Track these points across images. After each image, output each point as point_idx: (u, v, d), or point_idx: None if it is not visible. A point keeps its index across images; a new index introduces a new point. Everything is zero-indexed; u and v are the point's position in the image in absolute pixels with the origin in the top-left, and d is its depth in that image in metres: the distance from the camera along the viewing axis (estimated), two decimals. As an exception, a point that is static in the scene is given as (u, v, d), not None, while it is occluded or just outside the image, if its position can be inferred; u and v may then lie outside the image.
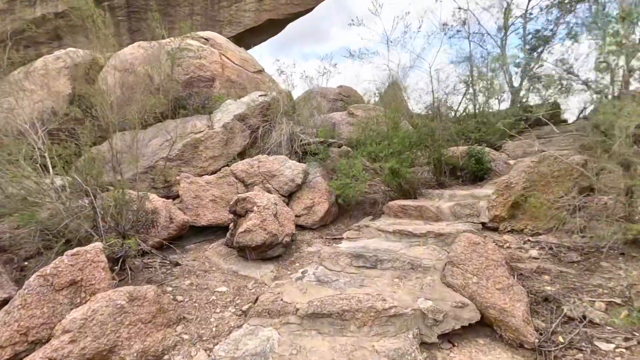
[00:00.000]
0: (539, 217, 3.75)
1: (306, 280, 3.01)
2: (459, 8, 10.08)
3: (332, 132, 6.56)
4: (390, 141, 5.05)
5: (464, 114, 9.15)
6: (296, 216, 4.77)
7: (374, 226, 4.06)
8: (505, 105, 9.70)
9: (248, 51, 10.40)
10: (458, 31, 10.08)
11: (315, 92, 9.41)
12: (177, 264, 3.85)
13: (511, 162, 6.01)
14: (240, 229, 3.80)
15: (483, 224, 3.95)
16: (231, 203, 4.09)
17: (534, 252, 3.24)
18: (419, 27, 7.69)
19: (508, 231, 3.90)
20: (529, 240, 3.63)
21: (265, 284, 3.38)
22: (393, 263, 3.09)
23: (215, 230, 4.80)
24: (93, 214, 3.13)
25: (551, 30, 10.26)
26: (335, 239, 4.49)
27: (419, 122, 5.80)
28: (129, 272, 3.42)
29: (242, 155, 5.99)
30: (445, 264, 2.87)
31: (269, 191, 4.90)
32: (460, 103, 9.28)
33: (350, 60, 9.77)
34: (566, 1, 9.29)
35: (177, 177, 5.07)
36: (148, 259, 3.89)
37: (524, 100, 10.18)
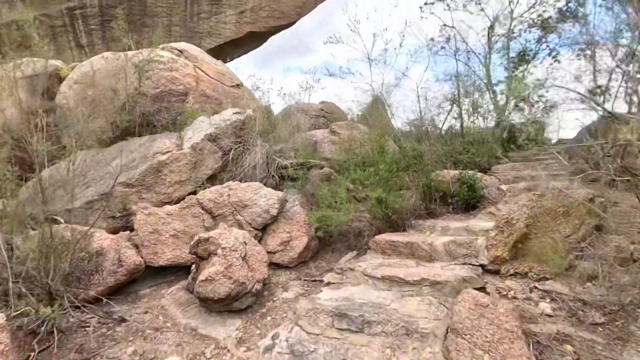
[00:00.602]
0: (545, 259, 3.31)
1: (276, 352, 2.42)
2: (444, 25, 9.91)
3: (313, 153, 6.04)
4: (377, 167, 4.58)
5: (450, 132, 8.85)
6: (271, 253, 4.18)
7: (359, 269, 3.51)
8: (491, 124, 9.48)
9: (227, 64, 9.86)
10: (442, 47, 9.89)
11: (297, 107, 8.93)
12: (122, 320, 3.18)
13: (503, 187, 5.64)
14: (201, 277, 3.18)
15: (482, 266, 3.48)
16: (192, 243, 3.46)
17: (546, 307, 2.76)
18: (401, 44, 7.37)
19: (511, 274, 3.44)
20: (535, 287, 3.16)
21: (228, 350, 2.76)
22: (384, 326, 2.54)
23: (176, 270, 4.14)
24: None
25: (531, 50, 10.24)
26: (315, 280, 3.92)
27: (407, 146, 5.36)
28: (56, 337, 2.74)
29: (212, 179, 5.37)
30: (447, 330, 2.35)
31: (240, 224, 4.30)
32: (444, 121, 9.00)
33: (332, 78, 9.37)
34: (549, 21, 9.28)
35: (134, 207, 4.40)
36: (87, 314, 3.20)
37: (509, 119, 10.02)
